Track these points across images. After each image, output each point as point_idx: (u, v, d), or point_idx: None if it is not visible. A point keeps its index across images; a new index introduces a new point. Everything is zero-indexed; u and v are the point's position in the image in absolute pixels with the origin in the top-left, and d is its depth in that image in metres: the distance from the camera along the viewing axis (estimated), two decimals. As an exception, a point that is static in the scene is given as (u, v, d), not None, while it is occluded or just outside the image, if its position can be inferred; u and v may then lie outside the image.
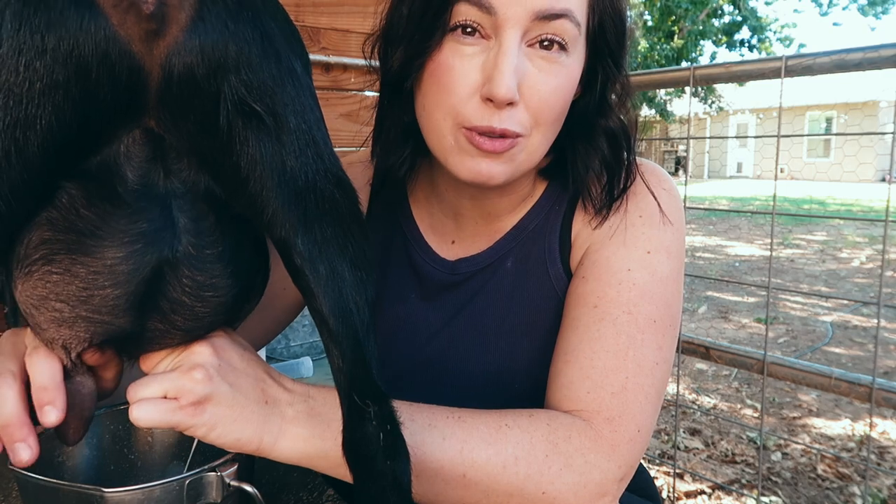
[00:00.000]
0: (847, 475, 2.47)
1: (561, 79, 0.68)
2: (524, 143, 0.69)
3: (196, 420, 0.54)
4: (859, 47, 1.37)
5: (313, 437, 0.59)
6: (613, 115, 0.76)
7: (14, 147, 0.44)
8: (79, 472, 0.69)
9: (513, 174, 0.72)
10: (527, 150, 0.70)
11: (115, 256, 0.49)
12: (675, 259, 0.75)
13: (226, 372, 0.57)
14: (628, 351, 0.69)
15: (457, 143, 0.69)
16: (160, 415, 0.54)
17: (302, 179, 0.51)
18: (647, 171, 0.79)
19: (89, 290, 0.50)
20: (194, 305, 0.54)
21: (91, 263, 0.49)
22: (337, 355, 0.53)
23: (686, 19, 17.61)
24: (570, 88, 0.70)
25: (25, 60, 0.42)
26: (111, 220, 0.49)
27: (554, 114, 0.70)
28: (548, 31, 0.66)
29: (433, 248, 0.86)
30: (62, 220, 0.49)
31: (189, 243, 0.51)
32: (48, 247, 0.49)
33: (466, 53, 0.67)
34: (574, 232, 0.79)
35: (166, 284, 0.52)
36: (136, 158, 0.49)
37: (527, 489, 0.63)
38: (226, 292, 0.55)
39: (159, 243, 0.50)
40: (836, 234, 9.28)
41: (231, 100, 0.47)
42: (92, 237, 0.49)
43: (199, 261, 0.52)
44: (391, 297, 0.87)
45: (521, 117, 0.67)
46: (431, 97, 0.70)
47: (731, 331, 4.46)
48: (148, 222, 0.50)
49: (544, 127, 0.70)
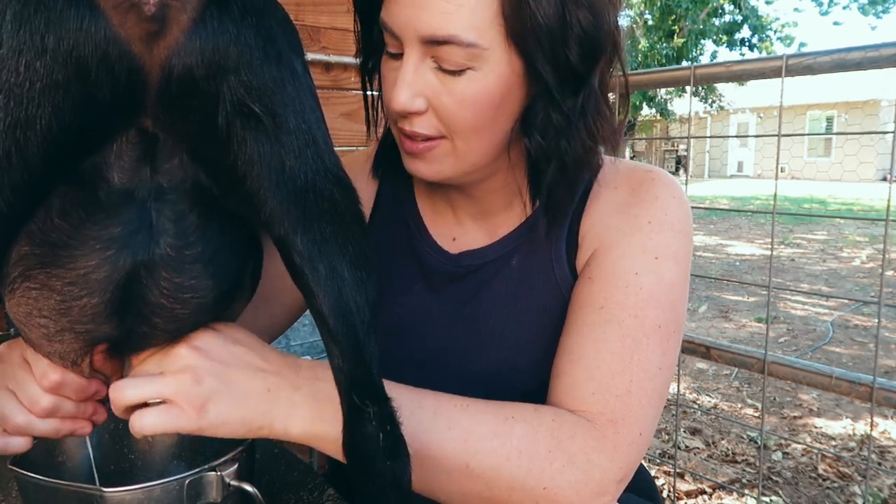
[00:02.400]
0: (848, 475, 2.47)
1: (468, 93, 0.66)
2: (447, 146, 0.71)
3: (202, 422, 0.55)
4: (860, 46, 1.36)
5: (322, 421, 0.59)
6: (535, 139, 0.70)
7: (15, 147, 0.44)
8: (79, 472, 0.69)
9: (450, 175, 0.74)
10: (454, 154, 0.72)
11: (88, 265, 0.49)
12: (682, 266, 0.75)
13: (214, 370, 0.57)
14: (633, 354, 0.69)
15: (398, 139, 0.75)
16: (164, 423, 0.54)
17: (301, 179, 0.51)
18: (657, 177, 0.79)
19: (66, 302, 0.50)
20: (174, 307, 0.54)
21: (65, 275, 0.49)
22: (337, 355, 0.53)
23: (686, 18, 17.60)
24: (484, 100, 0.67)
25: (25, 61, 0.42)
26: (83, 228, 0.49)
27: (468, 125, 0.68)
28: (438, 54, 0.66)
29: (436, 240, 0.86)
30: (38, 232, 0.49)
31: (167, 245, 0.51)
32: (24, 263, 0.49)
33: (392, 67, 0.71)
34: (582, 233, 0.79)
35: (144, 288, 0.52)
36: (127, 157, 0.49)
37: (528, 483, 0.63)
38: (206, 293, 0.55)
39: (133, 246, 0.50)
40: (836, 234, 9.27)
41: (230, 100, 0.47)
42: (64, 248, 0.49)
43: (177, 262, 0.52)
44: (397, 288, 0.87)
45: (432, 122, 0.69)
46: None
47: (732, 330, 4.46)
48: (122, 225, 0.49)
49: (463, 135, 0.70)
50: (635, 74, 1.88)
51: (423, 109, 0.68)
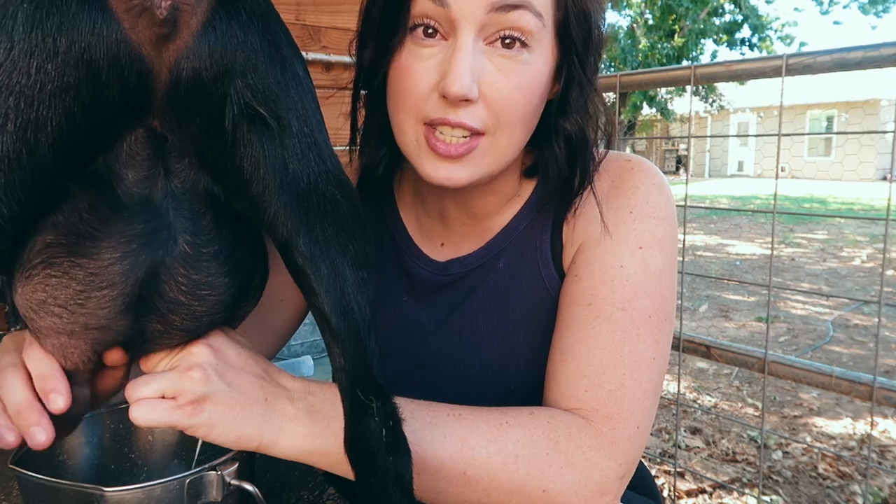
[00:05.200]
0: (848, 474, 2.47)
1: (524, 77, 0.67)
2: (486, 144, 0.69)
3: (195, 420, 0.54)
4: (860, 46, 1.36)
5: (314, 435, 0.59)
6: (573, 118, 0.74)
7: (25, 148, 0.44)
8: (79, 472, 0.70)
9: (480, 176, 0.71)
10: (492, 151, 0.70)
11: (112, 257, 0.50)
12: (667, 253, 0.75)
13: (224, 371, 0.57)
14: (624, 347, 0.69)
15: (418, 143, 0.70)
16: (158, 415, 0.54)
17: (304, 181, 0.52)
18: (637, 166, 0.79)
19: (86, 292, 0.50)
20: (191, 304, 0.54)
21: (88, 265, 0.50)
22: (339, 353, 0.54)
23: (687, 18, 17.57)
24: (535, 87, 0.69)
25: (37, 63, 0.42)
26: (109, 223, 0.49)
27: (518, 113, 0.69)
28: (505, 24, 0.64)
29: (423, 251, 0.86)
30: (66, 224, 0.49)
31: (185, 242, 0.52)
32: (50, 250, 0.50)
33: (424, 56, 0.67)
34: (566, 232, 0.79)
35: (162, 284, 0.52)
36: (138, 157, 0.50)
37: (527, 487, 0.63)
38: (223, 290, 0.56)
39: (155, 243, 0.51)
40: (836, 233, 9.27)
41: (237, 103, 0.48)
42: (91, 239, 0.49)
43: (195, 259, 0.53)
44: (384, 301, 0.87)
45: (480, 114, 0.67)
46: (394, 98, 0.71)
47: (732, 330, 4.46)
48: (144, 223, 0.50)
49: (510, 127, 0.69)
50: (636, 74, 1.88)
51: (477, 98, 0.66)
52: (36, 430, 0.53)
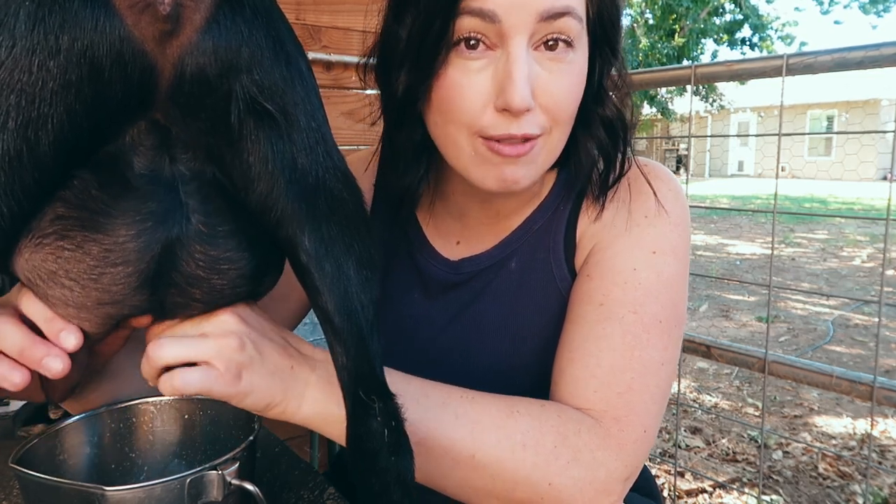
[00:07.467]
0: (848, 474, 2.47)
1: (572, 77, 0.68)
2: (543, 142, 0.69)
3: (234, 388, 0.55)
4: (860, 45, 1.36)
5: (332, 404, 0.60)
6: (610, 102, 0.76)
7: (26, 147, 0.44)
8: (79, 471, 0.69)
9: (536, 175, 0.71)
10: (546, 149, 0.70)
11: (127, 234, 0.49)
12: (680, 260, 0.75)
13: (255, 339, 0.58)
14: (634, 351, 0.69)
15: (477, 154, 0.68)
16: (202, 384, 0.53)
17: (312, 177, 0.52)
18: (653, 172, 0.79)
19: (100, 267, 0.50)
20: (211, 278, 0.54)
21: (104, 241, 0.49)
22: (341, 353, 0.53)
23: (687, 18, 17.58)
24: (581, 84, 0.70)
25: (39, 60, 0.42)
26: (122, 200, 0.49)
27: (571, 111, 0.70)
28: (553, 30, 0.65)
29: (436, 249, 0.86)
30: (75, 198, 0.49)
31: (199, 222, 0.52)
32: (62, 223, 0.49)
33: (473, 69, 0.66)
34: (579, 232, 0.79)
35: (179, 260, 0.52)
36: (143, 146, 0.49)
37: (533, 477, 0.63)
38: (243, 264, 0.55)
39: (169, 222, 0.50)
40: (837, 233, 9.27)
41: (243, 99, 0.48)
42: (104, 215, 0.49)
43: (211, 237, 0.52)
44: (395, 297, 0.87)
45: (538, 120, 0.67)
46: (443, 115, 0.69)
47: (733, 329, 4.46)
48: (157, 203, 0.50)
49: (563, 124, 0.70)
50: (636, 73, 1.88)
51: (534, 105, 0.66)
52: (49, 360, 0.52)
